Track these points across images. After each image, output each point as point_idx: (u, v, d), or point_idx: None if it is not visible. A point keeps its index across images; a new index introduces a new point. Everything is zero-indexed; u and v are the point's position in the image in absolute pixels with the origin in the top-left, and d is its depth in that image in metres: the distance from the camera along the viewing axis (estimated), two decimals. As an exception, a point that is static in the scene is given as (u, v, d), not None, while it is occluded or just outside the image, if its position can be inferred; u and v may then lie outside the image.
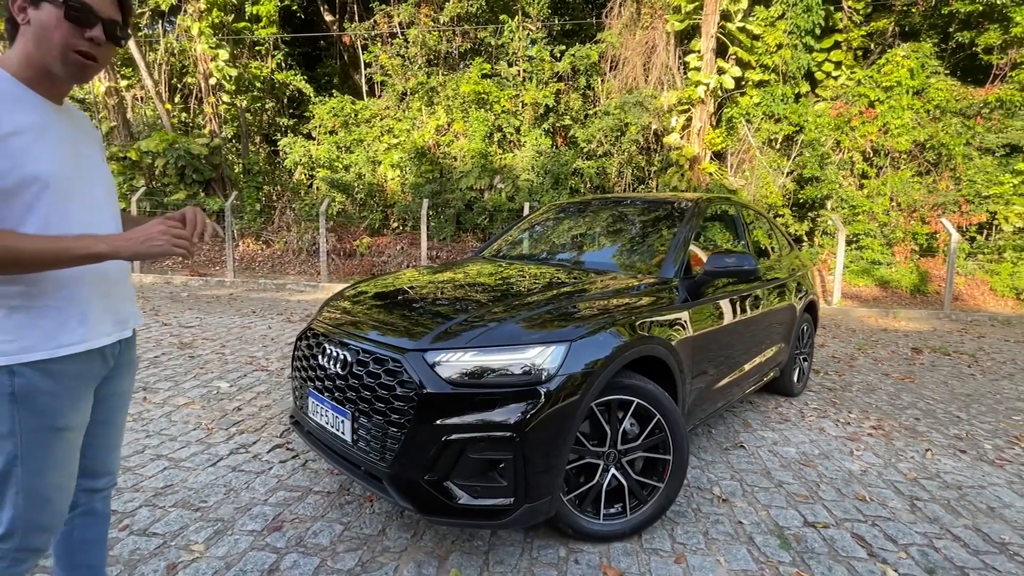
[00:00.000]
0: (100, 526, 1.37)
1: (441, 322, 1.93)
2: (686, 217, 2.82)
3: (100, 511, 1.36)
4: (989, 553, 2.07)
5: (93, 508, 1.33)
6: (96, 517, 1.35)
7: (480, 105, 11.23)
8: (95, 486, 1.33)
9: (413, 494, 1.74)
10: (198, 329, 5.38)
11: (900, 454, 3.00)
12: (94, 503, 1.33)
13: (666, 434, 2.06)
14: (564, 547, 1.99)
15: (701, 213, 2.91)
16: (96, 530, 1.36)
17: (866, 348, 5.88)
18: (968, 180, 10.30)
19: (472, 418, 1.68)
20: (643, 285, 2.36)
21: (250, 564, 1.82)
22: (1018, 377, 4.86)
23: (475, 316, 1.95)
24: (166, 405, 3.29)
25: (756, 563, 1.94)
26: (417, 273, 2.78)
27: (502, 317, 1.92)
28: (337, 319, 2.23)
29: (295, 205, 11.27)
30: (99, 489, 1.34)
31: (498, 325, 1.85)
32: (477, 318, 1.93)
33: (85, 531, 1.33)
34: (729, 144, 11.13)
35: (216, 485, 2.36)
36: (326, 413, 2.02)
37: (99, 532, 1.37)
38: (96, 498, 1.34)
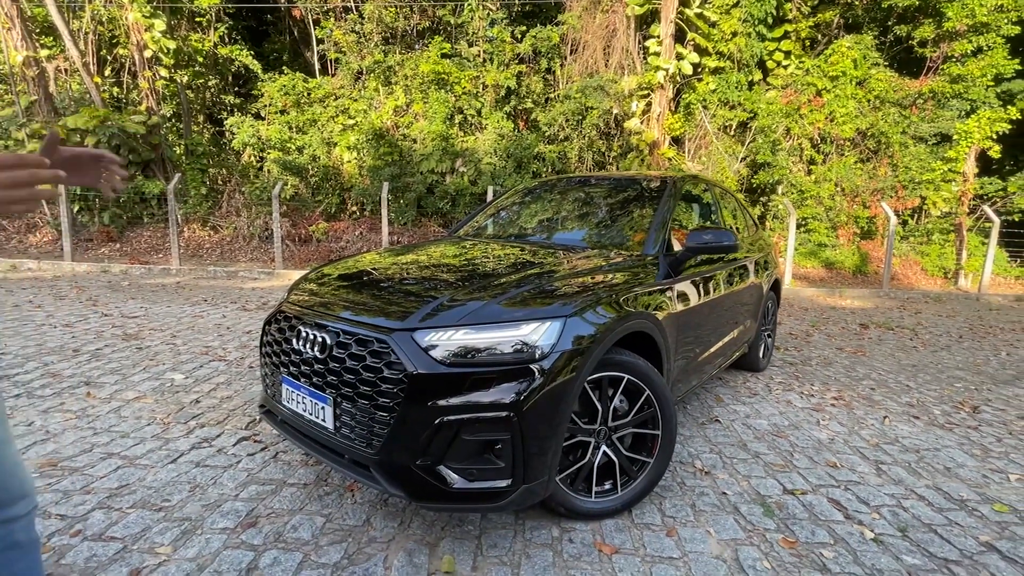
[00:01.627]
0: (30, 555, 1.12)
1: (427, 300, 1.83)
2: (665, 194, 2.82)
3: (25, 541, 1.10)
4: (951, 510, 2.20)
5: (15, 541, 1.09)
6: (21, 549, 1.10)
7: (440, 86, 10.93)
8: (9, 515, 1.07)
9: (404, 480, 1.65)
10: (144, 319, 5.00)
11: (861, 422, 3.15)
12: (15, 535, 1.08)
13: (655, 409, 2.05)
14: (556, 527, 1.96)
15: (679, 190, 2.92)
16: (25, 560, 1.11)
17: (819, 325, 6.17)
18: (904, 167, 10.96)
19: (466, 398, 1.61)
20: (628, 262, 2.33)
21: (225, 564, 1.69)
22: (954, 348, 5.22)
23: (464, 294, 1.86)
24: (113, 400, 3.03)
25: (744, 531, 1.98)
26: (389, 254, 2.65)
27: (492, 295, 1.84)
28: (310, 301, 2.08)
29: (244, 189, 10.66)
30: (16, 517, 1.09)
31: (489, 302, 1.78)
32: (466, 296, 1.84)
33: (12, 566, 1.08)
34: (687, 130, 11.36)
35: (179, 482, 2.18)
36: (303, 400, 1.89)
37: (29, 561, 1.12)
38: (16, 528, 1.09)
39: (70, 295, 6.09)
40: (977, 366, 4.56)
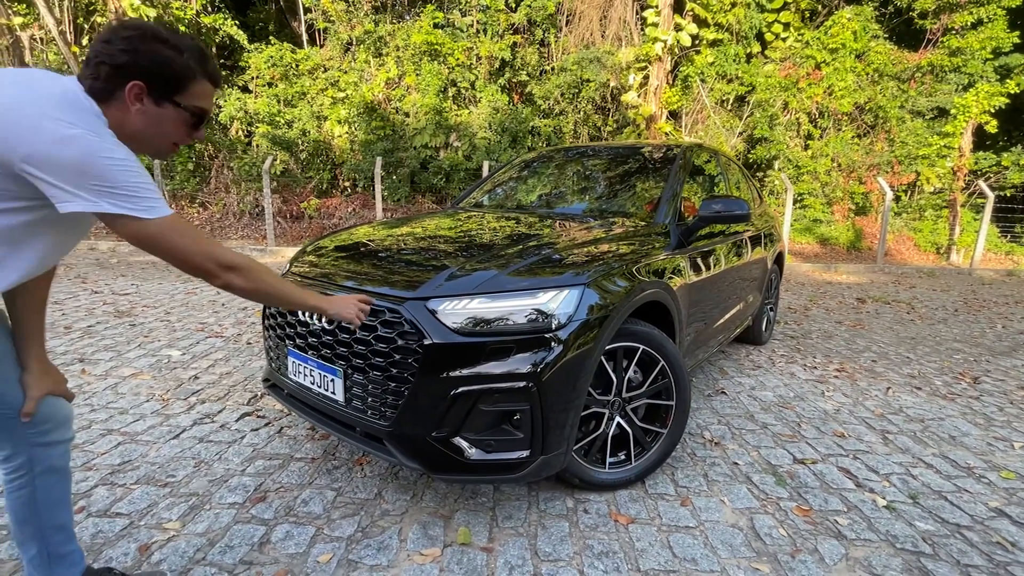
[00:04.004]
0: (63, 483, 1.25)
1: (440, 269, 1.76)
2: (676, 163, 2.74)
3: (60, 468, 1.23)
4: (960, 477, 2.21)
5: (52, 465, 1.21)
6: (57, 475, 1.23)
7: (433, 57, 10.63)
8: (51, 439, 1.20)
9: (420, 452, 1.61)
10: (135, 296, 4.89)
11: (865, 393, 3.16)
12: (52, 459, 1.21)
13: (670, 380, 2.02)
14: (570, 498, 1.94)
15: (689, 159, 2.85)
16: (59, 489, 1.24)
17: (817, 300, 6.19)
18: (900, 141, 10.92)
19: (484, 369, 1.56)
20: (640, 231, 2.27)
21: (236, 538, 1.65)
22: (950, 321, 5.27)
23: (475, 263, 1.80)
24: (109, 376, 2.95)
25: (758, 500, 1.98)
26: (387, 226, 2.55)
27: (504, 263, 1.78)
28: (314, 272, 2.01)
29: (233, 164, 10.39)
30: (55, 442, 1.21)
31: (505, 270, 1.72)
32: (478, 265, 1.78)
33: (50, 491, 1.21)
34: (684, 103, 11.20)
35: (183, 458, 2.13)
36: (311, 373, 1.84)
37: (63, 491, 1.25)
38: (54, 453, 1.21)
39: (58, 272, 5.92)
40: (974, 338, 4.60)
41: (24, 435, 1.15)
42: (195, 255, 1.06)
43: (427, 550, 1.63)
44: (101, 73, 1.00)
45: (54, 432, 1.19)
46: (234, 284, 1.12)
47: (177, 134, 1.11)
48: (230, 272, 1.11)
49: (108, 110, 1.01)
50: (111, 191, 0.94)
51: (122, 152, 0.97)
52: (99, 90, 1.00)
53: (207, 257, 1.08)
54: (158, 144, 1.12)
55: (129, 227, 0.98)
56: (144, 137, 1.08)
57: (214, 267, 1.09)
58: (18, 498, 1.18)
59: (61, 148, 0.90)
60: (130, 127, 1.04)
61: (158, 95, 1.05)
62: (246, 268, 1.14)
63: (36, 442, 1.17)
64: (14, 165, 0.90)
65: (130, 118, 1.04)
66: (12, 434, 1.14)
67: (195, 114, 1.11)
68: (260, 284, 1.17)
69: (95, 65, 1.00)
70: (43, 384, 1.16)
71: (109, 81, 1.00)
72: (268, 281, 1.20)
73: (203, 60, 1.09)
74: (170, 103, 1.06)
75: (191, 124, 1.12)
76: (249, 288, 1.15)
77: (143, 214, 0.98)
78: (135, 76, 1.01)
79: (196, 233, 1.08)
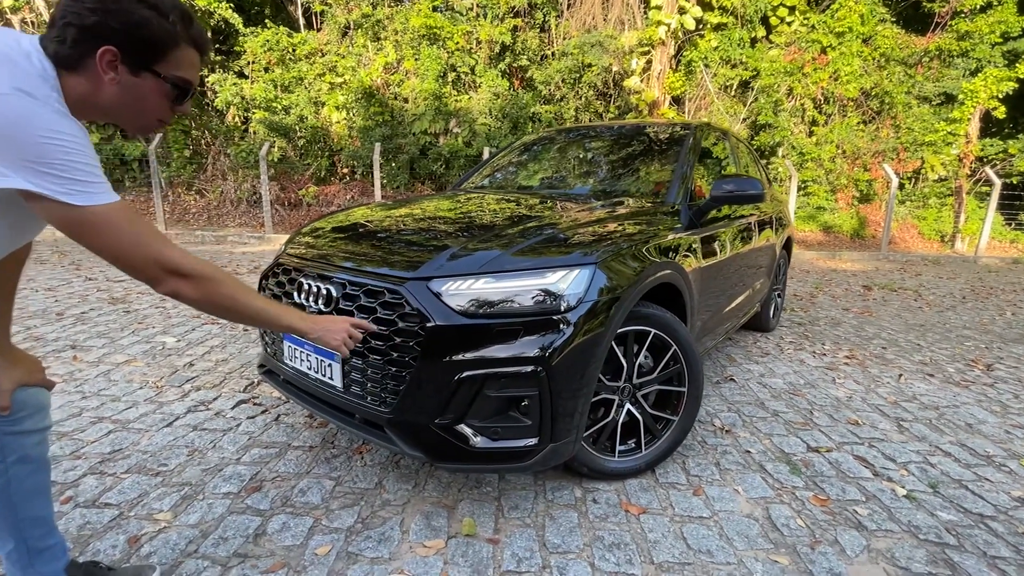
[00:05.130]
0: (39, 473, 1.16)
1: (441, 249, 1.67)
2: (687, 142, 2.64)
3: (36, 457, 1.14)
4: (979, 466, 2.14)
5: (27, 455, 1.12)
6: (32, 465, 1.13)
7: (432, 41, 10.43)
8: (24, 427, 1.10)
9: (422, 440, 1.53)
10: (130, 283, 4.79)
11: (877, 380, 3.08)
12: (27, 448, 1.11)
13: (682, 366, 1.94)
14: (579, 487, 1.87)
15: (700, 139, 2.74)
16: (35, 479, 1.14)
17: (822, 287, 6.11)
18: (907, 128, 10.77)
19: (490, 352, 1.47)
20: (651, 211, 2.18)
21: (231, 530, 1.58)
22: (959, 309, 5.19)
23: (481, 241, 1.70)
24: (102, 364, 2.87)
25: (773, 490, 1.90)
26: (384, 207, 2.45)
27: (509, 243, 1.69)
28: (310, 253, 1.91)
29: (230, 151, 10.24)
30: (29, 431, 1.11)
31: (510, 249, 1.62)
32: (484, 244, 1.69)
33: (23, 481, 1.12)
34: (687, 89, 11.02)
35: (176, 447, 2.05)
36: (307, 358, 1.75)
37: (39, 481, 1.16)
38: (28, 443, 1.12)
39: (51, 260, 5.83)
40: (984, 325, 4.52)
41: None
42: (135, 255, 0.90)
43: (430, 541, 1.56)
44: (67, 36, 0.85)
45: (27, 421, 1.10)
46: (183, 293, 0.96)
47: (158, 109, 0.97)
48: (179, 279, 0.95)
49: (76, 79, 0.87)
50: (36, 168, 0.78)
51: (60, 122, 0.82)
52: (65, 56, 0.86)
53: (150, 259, 0.91)
54: (140, 121, 0.98)
55: (54, 212, 0.83)
56: (120, 112, 0.94)
57: (157, 271, 0.93)
58: None
59: None
60: (103, 100, 0.91)
61: (134, 63, 0.90)
62: (201, 277, 0.97)
63: (6, 431, 1.08)
64: None
65: (103, 89, 0.89)
66: None
67: (178, 85, 0.96)
68: (216, 297, 1.01)
69: (61, 26, 0.85)
70: (14, 374, 1.08)
71: (77, 45, 0.85)
72: (227, 294, 1.02)
73: (187, 22, 0.94)
74: (149, 72, 0.92)
75: (173, 97, 0.97)
76: (201, 300, 0.99)
77: (70, 199, 0.82)
78: (107, 40, 0.86)
79: (143, 229, 0.91)
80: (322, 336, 1.27)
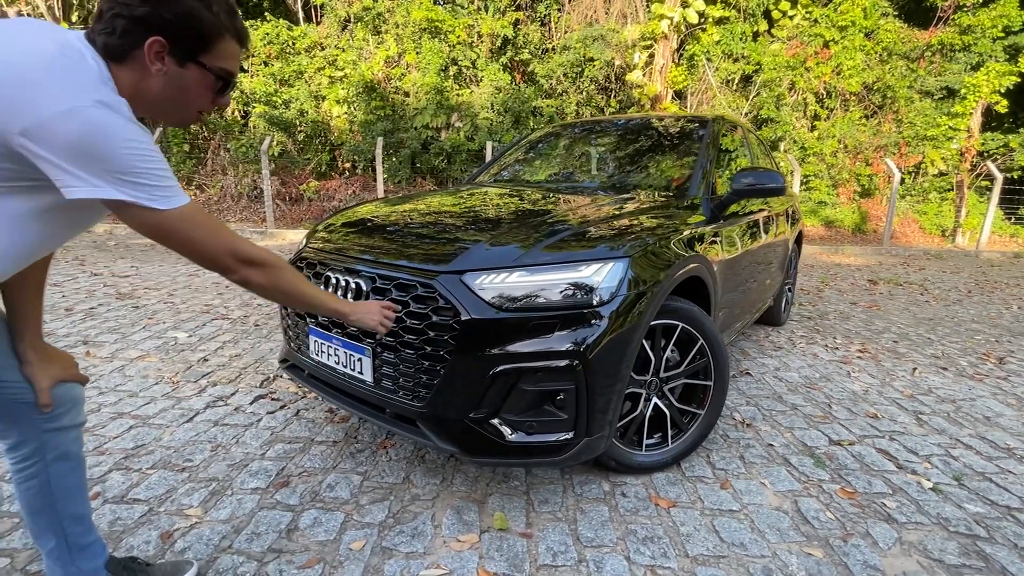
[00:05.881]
0: (77, 472, 1.15)
1: (473, 242, 1.66)
2: (706, 135, 2.63)
3: (74, 454, 1.14)
4: (1001, 458, 2.15)
5: (67, 451, 1.11)
6: (70, 462, 1.13)
7: (433, 35, 10.36)
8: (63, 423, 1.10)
9: (456, 434, 1.53)
10: (136, 279, 4.76)
11: (891, 374, 3.09)
12: (66, 445, 1.11)
13: (708, 359, 1.94)
14: (606, 481, 1.87)
15: (719, 131, 2.73)
16: (73, 476, 1.14)
17: (828, 281, 6.12)
18: (908, 122, 10.77)
19: (525, 346, 1.46)
20: (674, 205, 2.17)
21: (263, 525, 1.57)
22: (966, 303, 5.20)
23: (513, 234, 1.69)
24: (116, 359, 2.85)
25: (799, 483, 1.91)
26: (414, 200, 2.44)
27: (540, 236, 1.67)
28: (334, 247, 1.90)
29: (230, 145, 10.17)
30: (67, 427, 1.11)
31: (544, 242, 1.61)
32: (515, 237, 1.67)
33: (63, 479, 1.12)
34: (690, 83, 10.99)
35: (198, 442, 2.04)
36: (336, 352, 1.74)
37: (77, 479, 1.16)
38: (66, 439, 1.11)
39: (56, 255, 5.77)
40: (992, 319, 4.54)
41: (34, 421, 1.05)
42: (212, 248, 0.96)
43: (464, 536, 1.56)
44: (117, 27, 0.86)
45: (65, 416, 1.10)
46: (252, 280, 1.03)
47: (200, 100, 0.99)
48: (249, 267, 1.02)
49: (123, 71, 0.88)
50: (121, 177, 0.81)
51: (137, 132, 0.84)
52: (114, 47, 0.87)
53: (225, 251, 0.98)
54: (181, 113, 0.99)
55: (140, 217, 0.86)
56: (165, 104, 0.95)
57: (232, 261, 0.99)
58: (29, 488, 1.09)
59: (65, 123, 0.76)
60: (149, 92, 0.92)
61: (182, 54, 0.91)
62: (267, 264, 1.05)
63: (47, 428, 1.07)
64: (12, 141, 0.77)
65: (149, 81, 0.91)
66: (20, 421, 1.05)
67: (221, 77, 0.97)
68: (280, 282, 1.09)
69: (110, 18, 0.86)
70: (51, 371, 1.06)
71: (126, 37, 0.86)
72: (289, 280, 1.11)
73: (232, 15, 0.96)
74: (195, 64, 0.93)
75: (216, 89, 0.99)
76: (268, 285, 1.06)
77: (157, 204, 0.86)
78: (156, 31, 0.87)
79: (215, 224, 0.97)
80: (362, 317, 1.33)
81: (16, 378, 1.02)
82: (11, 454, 1.07)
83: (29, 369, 1.04)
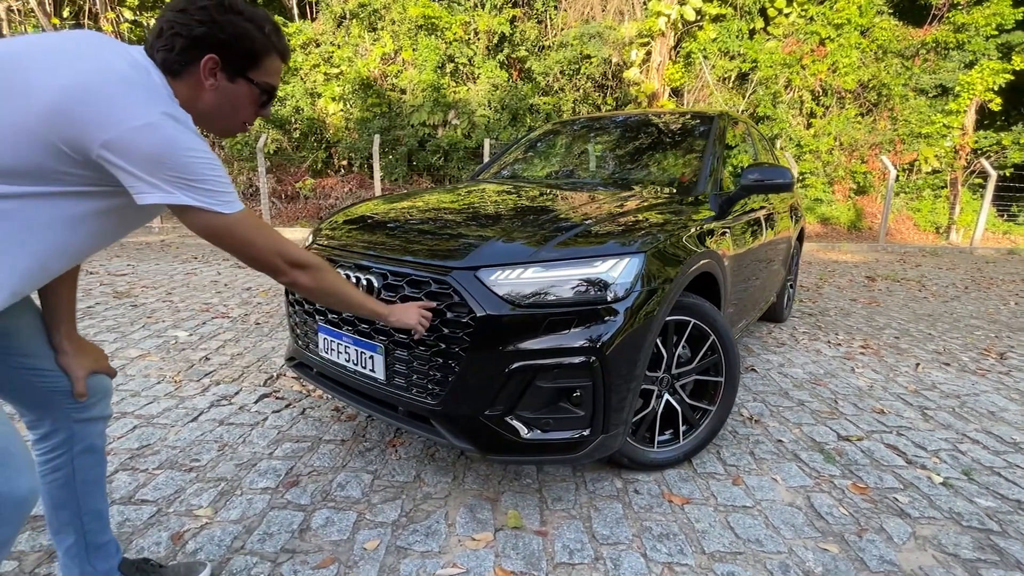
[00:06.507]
0: (100, 466, 1.17)
1: (485, 238, 1.64)
2: (713, 131, 2.62)
3: (100, 448, 1.16)
4: (1008, 453, 2.16)
5: (93, 444, 1.14)
6: (96, 456, 1.15)
7: (430, 32, 10.31)
8: (93, 414, 1.12)
9: (471, 432, 1.51)
10: (133, 277, 4.71)
11: (895, 369, 3.10)
12: (93, 438, 1.13)
13: (720, 355, 1.93)
14: (618, 478, 1.86)
15: (726, 127, 2.72)
16: (97, 471, 1.17)
17: (827, 278, 6.15)
18: (904, 120, 10.83)
19: (542, 342, 1.45)
20: (685, 201, 2.16)
21: (275, 525, 1.55)
22: (964, 299, 5.24)
23: (526, 230, 1.67)
24: (116, 358, 2.81)
25: (811, 479, 1.91)
26: (422, 196, 2.42)
27: (556, 231, 1.66)
28: (343, 243, 1.87)
29: (224, 143, 10.08)
30: (96, 418, 1.13)
31: (558, 238, 1.60)
32: (530, 232, 1.65)
33: (88, 472, 1.13)
34: (686, 81, 10.99)
35: (204, 441, 2.01)
36: (346, 350, 1.72)
37: (100, 474, 1.18)
38: (94, 432, 1.13)
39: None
40: (990, 315, 4.57)
41: (65, 410, 1.07)
42: (266, 251, 1.03)
43: (479, 535, 1.54)
44: (176, 45, 0.92)
45: (95, 407, 1.11)
46: (300, 282, 1.10)
47: (246, 112, 1.05)
48: (298, 270, 1.09)
49: (178, 85, 0.94)
50: (191, 184, 0.87)
51: (201, 143, 0.90)
52: (172, 63, 0.93)
53: (277, 253, 1.05)
54: (228, 124, 1.05)
55: (205, 220, 0.92)
56: (215, 115, 1.01)
57: (282, 264, 1.06)
58: (55, 480, 1.09)
59: (143, 136, 0.82)
60: (202, 105, 0.98)
61: (232, 70, 0.98)
62: (315, 267, 1.12)
63: (77, 418, 1.09)
64: (92, 152, 0.81)
65: (202, 95, 0.97)
66: (53, 409, 1.07)
67: (266, 91, 1.04)
68: (325, 284, 1.16)
69: (170, 36, 0.92)
70: (84, 362, 1.08)
71: (184, 54, 0.93)
72: (333, 282, 1.19)
73: (278, 34, 1.03)
74: (244, 79, 1.00)
75: (260, 103, 1.05)
76: (314, 288, 1.13)
77: (222, 208, 0.92)
78: (212, 49, 0.94)
79: (267, 228, 1.04)
80: (401, 317, 1.40)
81: (53, 367, 1.05)
82: (40, 444, 1.09)
83: (65, 360, 1.06)
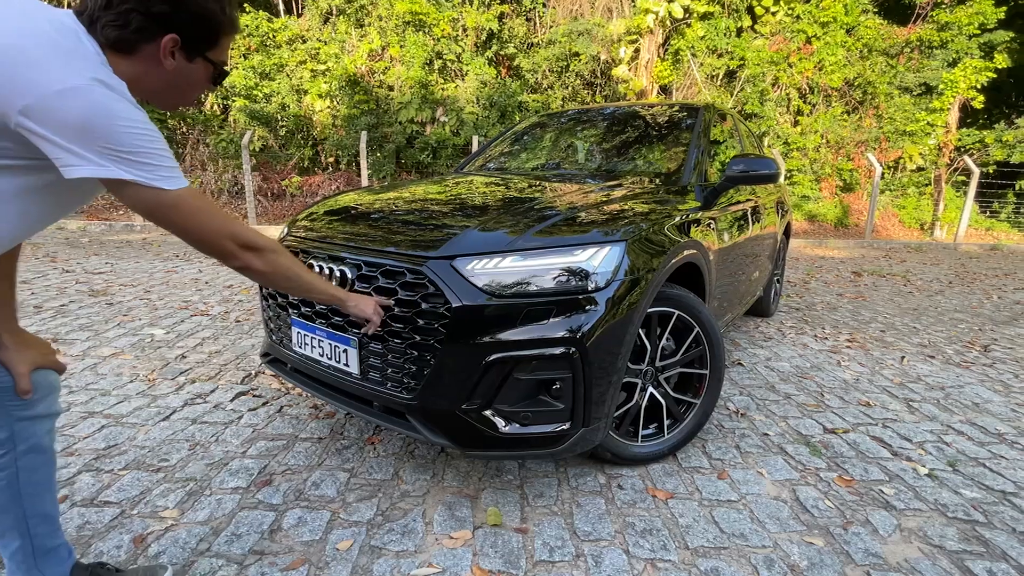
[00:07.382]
0: (48, 466, 1.09)
1: (463, 227, 1.59)
2: (698, 122, 2.59)
3: (47, 447, 1.07)
4: (993, 444, 2.15)
5: (40, 443, 1.05)
6: (43, 455, 1.07)
7: (417, 28, 10.21)
8: (37, 412, 1.03)
9: (448, 427, 1.46)
10: (111, 275, 4.60)
11: (880, 362, 3.10)
12: (39, 436, 1.05)
13: (704, 348, 1.90)
14: (602, 474, 1.82)
15: (711, 118, 2.69)
16: (44, 471, 1.08)
17: (813, 273, 6.17)
18: (889, 118, 10.93)
19: (520, 333, 1.40)
20: (669, 191, 2.12)
21: (244, 526, 1.49)
22: (947, 293, 5.28)
23: (505, 219, 1.63)
24: (87, 357, 2.73)
25: (796, 472, 1.88)
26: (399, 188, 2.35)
27: (533, 221, 1.61)
28: (318, 234, 1.82)
29: (209, 140, 9.92)
30: (41, 416, 1.04)
31: (537, 227, 1.55)
32: (508, 221, 1.61)
33: (34, 472, 1.05)
34: (675, 78, 11.01)
35: (175, 441, 1.94)
36: (320, 344, 1.66)
37: (48, 474, 1.09)
38: (40, 430, 1.05)
39: (24, 252, 5.56)
40: (974, 309, 4.61)
41: (7, 408, 0.99)
42: (214, 231, 0.96)
43: (456, 533, 1.49)
44: (131, 23, 0.85)
45: (40, 404, 1.03)
46: (253, 266, 1.03)
47: (199, 88, 1.01)
48: (250, 253, 1.02)
49: (125, 63, 0.87)
50: (126, 156, 0.80)
51: (138, 112, 0.83)
52: (124, 40, 0.86)
53: (227, 234, 0.97)
54: (179, 100, 1.00)
55: (144, 197, 0.85)
56: (164, 93, 0.96)
57: (233, 246, 0.99)
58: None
59: (67, 101, 0.75)
60: (154, 82, 0.92)
61: (192, 49, 0.93)
62: (268, 249, 1.05)
63: (20, 416, 1.00)
64: (10, 120, 0.75)
65: (156, 72, 0.91)
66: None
67: (221, 74, 1.01)
68: (281, 268, 1.10)
69: (123, 12, 0.84)
70: (28, 356, 1.00)
71: (140, 33, 0.86)
72: (287, 265, 1.13)
73: (233, 9, 0.99)
74: (202, 58, 0.95)
75: (212, 79, 1.01)
76: (268, 272, 1.07)
77: (161, 183, 0.85)
78: (173, 28, 0.88)
79: (216, 207, 0.98)
80: (359, 304, 1.37)
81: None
82: None
83: (6, 354, 0.98)
